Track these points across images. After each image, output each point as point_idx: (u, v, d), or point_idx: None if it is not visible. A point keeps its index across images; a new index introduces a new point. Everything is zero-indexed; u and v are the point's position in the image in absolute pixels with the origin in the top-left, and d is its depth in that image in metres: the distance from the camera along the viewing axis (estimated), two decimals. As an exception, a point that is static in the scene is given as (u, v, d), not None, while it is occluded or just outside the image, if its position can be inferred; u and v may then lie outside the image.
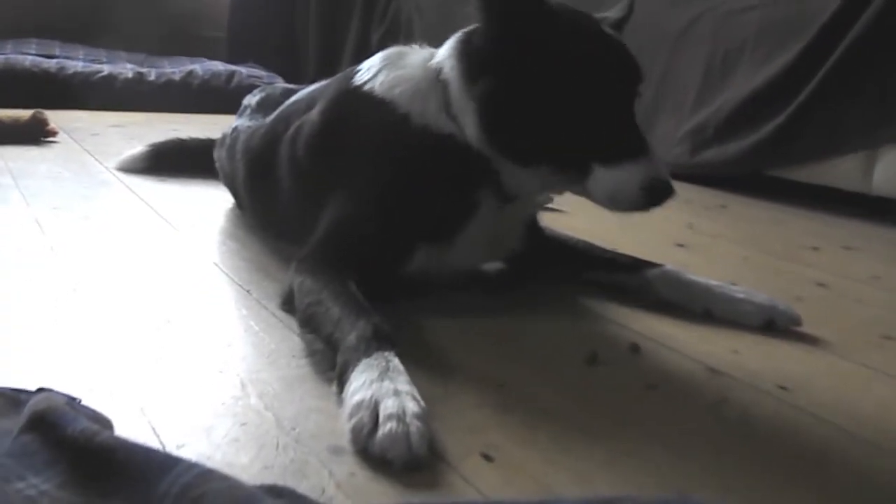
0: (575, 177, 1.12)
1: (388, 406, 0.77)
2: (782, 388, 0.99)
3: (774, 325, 1.19)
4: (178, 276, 1.29)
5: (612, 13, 1.29)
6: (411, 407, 0.78)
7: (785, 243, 1.88)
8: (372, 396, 0.79)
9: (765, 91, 2.37)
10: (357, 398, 0.79)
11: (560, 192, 1.25)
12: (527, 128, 1.12)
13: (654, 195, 1.08)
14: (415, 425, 0.75)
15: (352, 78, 1.27)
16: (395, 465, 0.73)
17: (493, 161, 1.15)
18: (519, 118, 1.12)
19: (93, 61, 3.72)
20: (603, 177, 1.09)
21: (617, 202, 1.10)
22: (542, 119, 1.11)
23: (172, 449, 0.74)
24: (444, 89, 1.16)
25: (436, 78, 1.18)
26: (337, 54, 4.20)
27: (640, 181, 1.07)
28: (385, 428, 0.75)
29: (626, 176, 1.08)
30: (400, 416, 0.76)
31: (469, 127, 1.14)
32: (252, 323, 1.08)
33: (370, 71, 1.25)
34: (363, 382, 0.81)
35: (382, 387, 0.80)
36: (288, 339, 1.03)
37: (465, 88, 1.14)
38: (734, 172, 2.49)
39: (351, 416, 0.78)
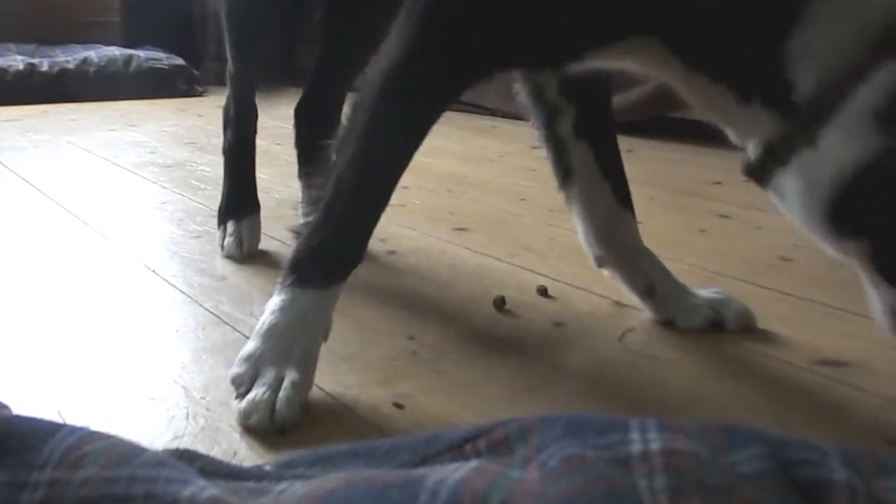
0: None
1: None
2: (685, 313, 1.02)
3: None
4: (78, 260, 1.25)
5: None
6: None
7: (689, 180, 1.93)
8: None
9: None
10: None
11: None
12: None
13: None
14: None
15: None
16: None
17: None
18: None
19: (-21, 56, 3.56)
20: None
21: None
22: None
23: (78, 429, 0.73)
24: None
25: None
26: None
27: None
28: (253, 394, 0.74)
29: None
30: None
31: None
32: (159, 301, 1.07)
33: None
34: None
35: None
36: (195, 314, 1.01)
37: None
38: (638, 117, 2.53)
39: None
